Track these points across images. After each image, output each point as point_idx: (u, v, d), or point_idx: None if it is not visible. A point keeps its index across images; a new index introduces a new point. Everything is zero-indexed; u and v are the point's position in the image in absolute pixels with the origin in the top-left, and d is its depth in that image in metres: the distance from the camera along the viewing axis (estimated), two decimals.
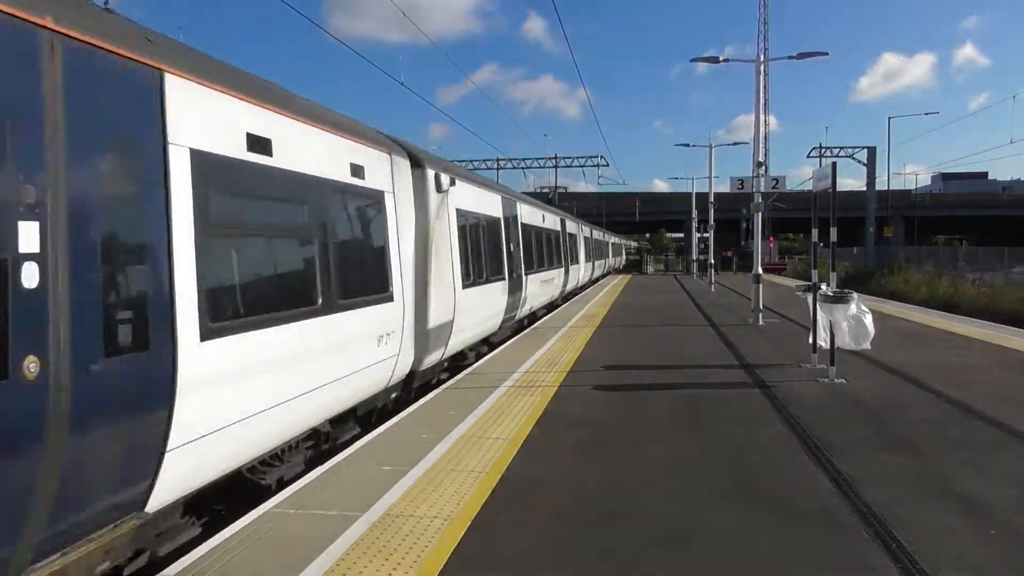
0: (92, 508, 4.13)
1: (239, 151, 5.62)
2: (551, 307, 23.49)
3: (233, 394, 5.29)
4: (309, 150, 6.86)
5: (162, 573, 4.33)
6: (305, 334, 6.37)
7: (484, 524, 5.10)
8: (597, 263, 43.48)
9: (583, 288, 33.90)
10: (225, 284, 5.45)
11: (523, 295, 16.60)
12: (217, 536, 4.86)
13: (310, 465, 6.81)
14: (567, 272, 25.97)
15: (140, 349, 4.33)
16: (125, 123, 4.42)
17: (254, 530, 4.96)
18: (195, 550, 4.65)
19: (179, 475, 4.77)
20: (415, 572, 4.35)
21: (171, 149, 4.74)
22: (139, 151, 4.54)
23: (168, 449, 4.59)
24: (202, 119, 5.16)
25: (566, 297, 27.47)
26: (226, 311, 5.29)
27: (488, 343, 14.68)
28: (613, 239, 62.53)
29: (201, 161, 5.03)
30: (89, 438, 3.94)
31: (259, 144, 5.90)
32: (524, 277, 16.65)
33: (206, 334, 4.90)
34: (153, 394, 4.46)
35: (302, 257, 6.74)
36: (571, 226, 29.07)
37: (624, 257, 73.64)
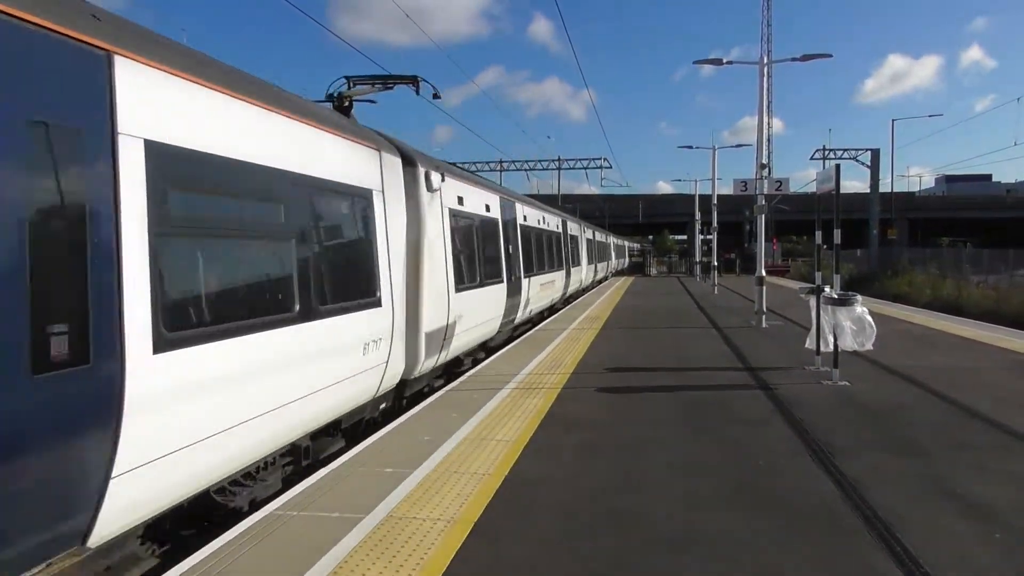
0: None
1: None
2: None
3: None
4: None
5: None
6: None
7: (487, 527, 5.09)
8: (547, 282, 20.41)
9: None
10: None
11: None
12: (219, 539, 4.86)
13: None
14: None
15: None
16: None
17: (255, 533, 4.95)
18: (196, 553, 4.64)
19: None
20: (418, 575, 4.33)
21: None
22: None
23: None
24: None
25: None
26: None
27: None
28: (591, 233, 38.31)
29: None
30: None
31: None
32: None
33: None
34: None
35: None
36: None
37: (614, 260, 59.80)
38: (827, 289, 10.90)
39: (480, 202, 13.31)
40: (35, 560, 3.86)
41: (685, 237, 74.67)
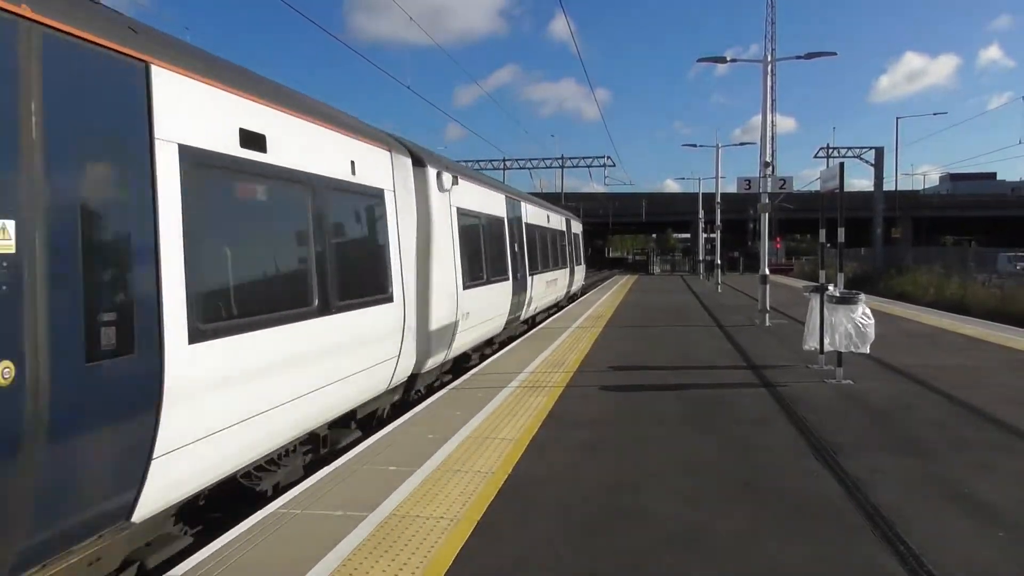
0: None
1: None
2: None
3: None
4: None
5: (168, 574, 4.34)
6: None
7: (491, 525, 5.09)
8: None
9: None
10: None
11: None
12: (223, 537, 4.87)
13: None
14: None
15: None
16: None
17: (260, 531, 4.96)
18: (200, 551, 4.65)
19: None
20: (421, 573, 4.34)
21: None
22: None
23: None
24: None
25: None
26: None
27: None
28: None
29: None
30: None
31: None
32: None
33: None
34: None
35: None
36: None
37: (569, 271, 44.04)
38: (831, 288, 10.87)
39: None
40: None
41: (689, 235, 74.59)
